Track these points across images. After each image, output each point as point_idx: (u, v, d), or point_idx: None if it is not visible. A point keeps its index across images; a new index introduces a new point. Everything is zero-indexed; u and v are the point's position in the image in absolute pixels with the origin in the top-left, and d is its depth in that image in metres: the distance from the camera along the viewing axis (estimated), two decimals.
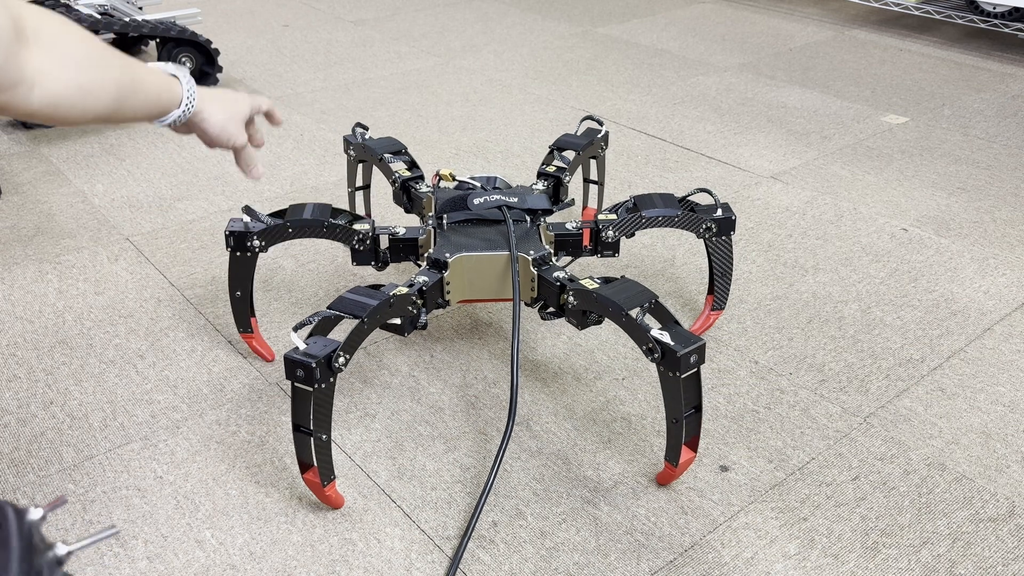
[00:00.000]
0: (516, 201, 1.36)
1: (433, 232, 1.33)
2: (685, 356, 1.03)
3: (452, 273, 1.26)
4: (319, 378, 1.02)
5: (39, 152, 2.19)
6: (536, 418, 1.29)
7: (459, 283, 1.27)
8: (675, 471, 1.13)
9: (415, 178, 1.48)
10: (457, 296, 1.28)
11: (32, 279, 1.65)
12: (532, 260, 1.25)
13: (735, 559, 1.07)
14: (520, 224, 1.34)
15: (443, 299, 1.27)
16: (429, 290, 1.22)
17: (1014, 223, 1.83)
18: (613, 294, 1.13)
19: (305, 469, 1.09)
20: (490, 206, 1.35)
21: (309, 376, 1.02)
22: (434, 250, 1.27)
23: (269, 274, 1.66)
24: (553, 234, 1.36)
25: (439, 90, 2.60)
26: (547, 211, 1.37)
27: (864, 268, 1.67)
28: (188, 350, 1.44)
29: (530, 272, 1.25)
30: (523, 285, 1.27)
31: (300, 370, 1.02)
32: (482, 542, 1.09)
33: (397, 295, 1.15)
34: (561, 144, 1.57)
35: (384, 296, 1.13)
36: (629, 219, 1.35)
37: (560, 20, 3.30)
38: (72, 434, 1.26)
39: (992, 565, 1.06)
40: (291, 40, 3.08)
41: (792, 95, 2.54)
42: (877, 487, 1.17)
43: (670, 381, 1.06)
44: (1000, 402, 1.32)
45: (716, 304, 1.46)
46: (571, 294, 1.20)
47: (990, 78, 2.68)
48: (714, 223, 1.36)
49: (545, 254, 1.26)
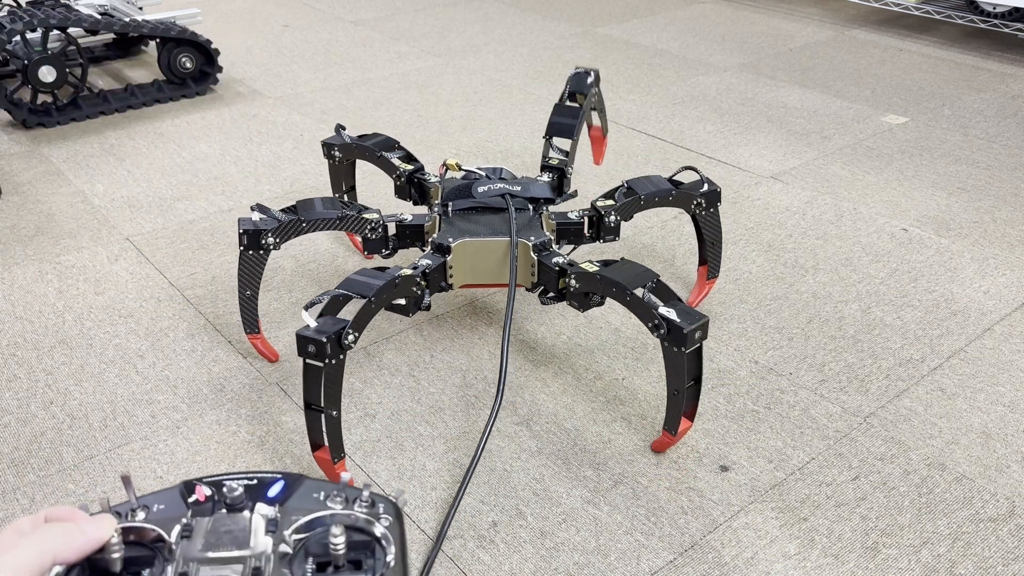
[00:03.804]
0: (519, 190, 1.40)
1: (438, 219, 1.37)
2: (691, 332, 1.08)
3: (455, 258, 1.30)
4: (330, 354, 1.05)
5: (39, 152, 2.19)
6: (536, 418, 1.29)
7: (461, 268, 1.31)
8: (673, 439, 1.19)
9: (420, 169, 1.52)
10: (459, 280, 1.32)
11: (32, 279, 1.65)
12: (533, 246, 1.29)
13: (735, 559, 1.07)
14: (523, 212, 1.38)
15: (446, 282, 1.31)
16: (432, 273, 1.26)
17: (1014, 223, 1.83)
18: (617, 274, 1.17)
19: (316, 448, 1.12)
20: (493, 194, 1.40)
21: (320, 352, 1.05)
22: (438, 235, 1.32)
23: (269, 274, 1.65)
24: (555, 222, 1.39)
25: (439, 90, 2.60)
26: (549, 200, 1.42)
27: (864, 268, 1.67)
28: (188, 350, 1.44)
29: (530, 258, 1.29)
30: (523, 270, 1.30)
31: (312, 346, 1.05)
32: (482, 542, 1.09)
33: (402, 276, 1.20)
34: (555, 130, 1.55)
35: (390, 277, 1.18)
36: (628, 202, 1.39)
37: (560, 20, 3.30)
38: (72, 434, 1.26)
39: (992, 565, 1.06)
40: (291, 40, 3.08)
41: (792, 95, 2.54)
42: (877, 487, 1.17)
43: (674, 356, 1.11)
44: (1000, 402, 1.32)
45: (711, 273, 1.52)
46: (573, 277, 1.23)
47: (990, 78, 2.68)
48: (702, 197, 1.43)
49: (546, 240, 1.30)
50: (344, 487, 0.52)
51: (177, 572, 0.47)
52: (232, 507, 0.51)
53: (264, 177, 2.05)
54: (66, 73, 2.29)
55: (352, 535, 0.49)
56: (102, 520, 0.49)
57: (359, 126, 2.34)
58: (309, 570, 0.48)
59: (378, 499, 0.51)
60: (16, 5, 2.50)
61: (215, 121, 2.38)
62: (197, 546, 0.48)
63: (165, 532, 0.49)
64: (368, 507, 0.51)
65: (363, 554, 0.49)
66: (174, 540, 0.49)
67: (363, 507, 0.51)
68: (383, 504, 0.51)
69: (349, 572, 0.48)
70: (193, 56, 2.52)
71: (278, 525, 0.50)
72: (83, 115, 2.37)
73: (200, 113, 2.44)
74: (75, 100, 2.35)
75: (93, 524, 0.49)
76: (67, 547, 0.48)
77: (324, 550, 0.48)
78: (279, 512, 0.50)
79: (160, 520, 0.50)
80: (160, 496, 0.52)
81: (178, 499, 0.52)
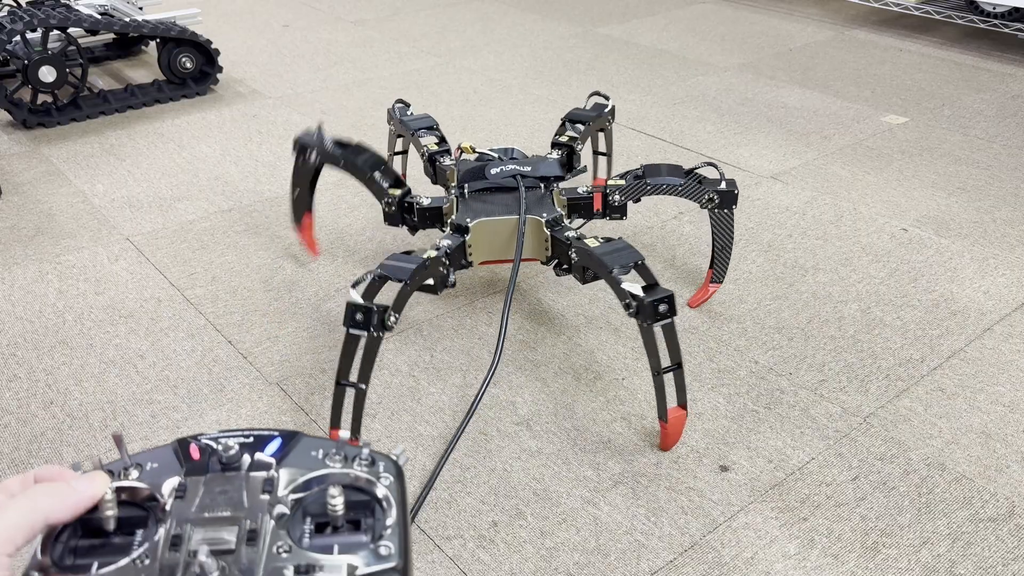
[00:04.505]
0: (529, 170, 1.48)
1: (456, 200, 1.45)
2: (652, 304, 1.13)
3: (473, 236, 1.39)
4: (376, 324, 1.13)
5: (39, 152, 2.19)
6: (536, 418, 1.29)
7: (479, 245, 1.40)
8: (667, 428, 1.20)
9: (441, 152, 1.61)
10: (479, 257, 1.41)
11: (32, 279, 1.65)
12: (545, 222, 1.37)
13: (735, 559, 1.07)
14: (534, 190, 1.46)
15: (466, 260, 1.40)
16: (453, 252, 1.35)
17: (1014, 223, 1.83)
18: (604, 252, 1.24)
19: (335, 426, 1.20)
20: (505, 175, 1.47)
21: (367, 320, 1.13)
22: (456, 216, 1.40)
23: (269, 274, 1.66)
24: (565, 198, 1.48)
25: (439, 90, 2.60)
26: (559, 178, 1.49)
27: (864, 268, 1.67)
28: (188, 350, 1.44)
29: (543, 233, 1.38)
30: (537, 245, 1.40)
31: (360, 313, 1.12)
32: (482, 542, 1.09)
33: (430, 258, 1.28)
34: (572, 117, 1.69)
35: (420, 260, 1.26)
36: (635, 185, 1.46)
37: (560, 20, 3.30)
38: (72, 434, 1.26)
39: (992, 565, 1.06)
40: (291, 40, 3.08)
41: (792, 95, 2.54)
42: (877, 487, 1.17)
43: (645, 332, 1.16)
44: (1000, 402, 1.32)
45: (715, 277, 1.53)
46: (574, 251, 1.31)
47: (990, 78, 2.68)
48: (716, 194, 1.45)
49: (557, 216, 1.38)
50: (343, 444, 0.50)
51: (170, 533, 0.45)
52: (227, 466, 0.49)
53: (264, 177, 2.05)
54: (66, 73, 2.29)
55: (351, 495, 0.47)
56: (94, 478, 0.47)
57: (359, 126, 2.34)
58: (307, 531, 0.46)
59: (378, 457, 0.50)
60: (16, 5, 2.50)
61: (215, 121, 2.38)
62: (191, 506, 0.47)
63: (158, 491, 0.48)
64: (368, 466, 0.49)
65: (363, 514, 0.47)
66: (168, 500, 0.47)
67: (363, 466, 0.49)
68: (383, 462, 0.50)
69: (348, 532, 0.46)
70: (193, 56, 2.52)
71: (274, 484, 0.48)
72: (83, 115, 2.37)
73: (200, 113, 2.44)
74: (75, 100, 2.35)
75: (85, 482, 0.47)
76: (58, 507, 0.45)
77: (322, 510, 0.47)
78: (276, 471, 0.49)
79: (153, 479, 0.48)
80: (153, 454, 0.50)
81: (172, 458, 0.50)
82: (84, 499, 0.46)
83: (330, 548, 0.45)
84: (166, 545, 0.44)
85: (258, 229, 1.82)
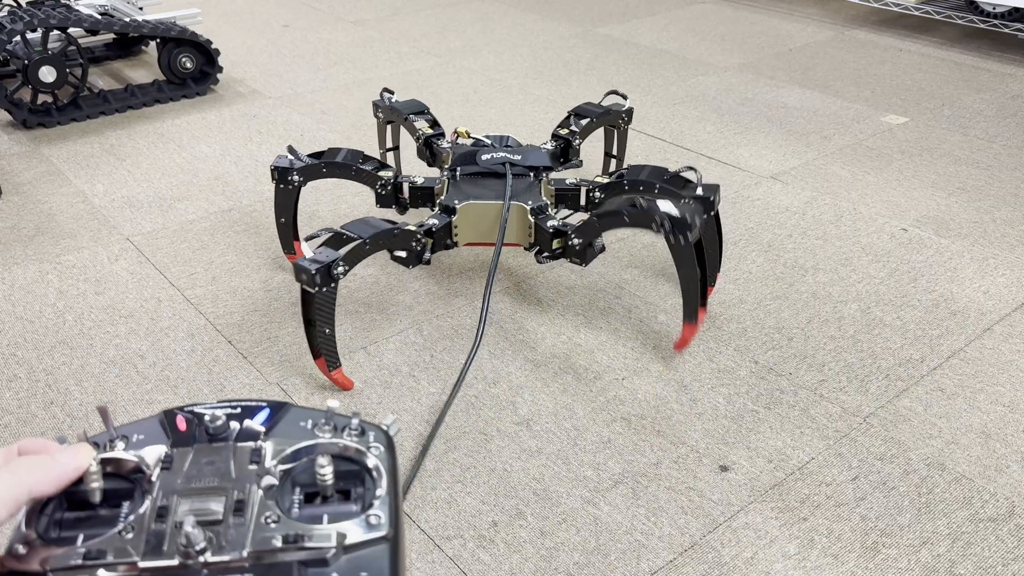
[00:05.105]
0: (519, 158, 1.53)
1: (447, 182, 1.50)
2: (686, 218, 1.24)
3: (460, 218, 1.43)
4: (319, 282, 1.20)
5: (39, 152, 2.19)
6: (536, 418, 1.29)
7: (465, 227, 1.44)
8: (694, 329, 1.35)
9: (437, 135, 1.63)
10: (464, 239, 1.45)
11: (32, 279, 1.65)
12: (530, 210, 1.42)
13: (735, 559, 1.07)
14: (523, 178, 1.51)
15: (451, 240, 1.44)
16: (439, 231, 1.40)
17: (1014, 223, 1.83)
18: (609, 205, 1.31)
19: (316, 356, 1.29)
20: (495, 162, 1.52)
21: (311, 280, 1.19)
22: (445, 197, 1.45)
23: (269, 274, 1.66)
24: (553, 188, 1.52)
25: (439, 90, 2.60)
26: (548, 168, 1.53)
27: (864, 268, 1.67)
28: (188, 350, 1.44)
29: (527, 220, 1.43)
30: (521, 231, 1.45)
31: (304, 275, 1.19)
32: (482, 542, 1.09)
33: (402, 229, 1.32)
34: (579, 111, 1.71)
35: (388, 226, 1.29)
36: (612, 183, 1.49)
37: (560, 20, 3.30)
38: (72, 434, 1.26)
39: (992, 565, 1.06)
40: (291, 40, 3.08)
41: (792, 95, 2.54)
42: (877, 487, 1.17)
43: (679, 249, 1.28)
44: (1000, 402, 1.32)
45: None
46: (574, 234, 1.36)
47: (990, 78, 2.68)
48: (692, 200, 1.46)
49: (543, 205, 1.43)
50: (332, 414, 0.50)
51: (157, 504, 0.44)
52: (215, 437, 0.48)
53: (264, 177, 2.05)
54: (66, 73, 2.29)
55: (340, 465, 0.47)
56: (78, 450, 0.46)
57: (359, 126, 2.34)
58: (296, 501, 0.46)
59: (368, 427, 0.49)
60: (16, 5, 2.50)
61: (215, 121, 2.38)
62: (178, 477, 0.46)
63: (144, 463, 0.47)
64: (358, 435, 0.49)
65: (352, 484, 0.47)
66: (154, 471, 0.46)
67: (352, 435, 0.49)
68: (373, 432, 0.49)
69: (338, 503, 0.46)
70: (193, 56, 2.52)
71: (262, 455, 0.47)
72: (83, 115, 2.37)
73: (200, 113, 2.44)
74: (75, 100, 2.35)
75: (69, 454, 0.46)
76: (43, 479, 0.44)
77: (311, 480, 0.46)
78: (264, 441, 0.48)
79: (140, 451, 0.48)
80: (139, 426, 0.49)
81: (158, 429, 0.49)
82: (68, 471, 0.45)
83: (319, 518, 0.45)
84: (152, 516, 0.44)
85: (258, 229, 1.82)
